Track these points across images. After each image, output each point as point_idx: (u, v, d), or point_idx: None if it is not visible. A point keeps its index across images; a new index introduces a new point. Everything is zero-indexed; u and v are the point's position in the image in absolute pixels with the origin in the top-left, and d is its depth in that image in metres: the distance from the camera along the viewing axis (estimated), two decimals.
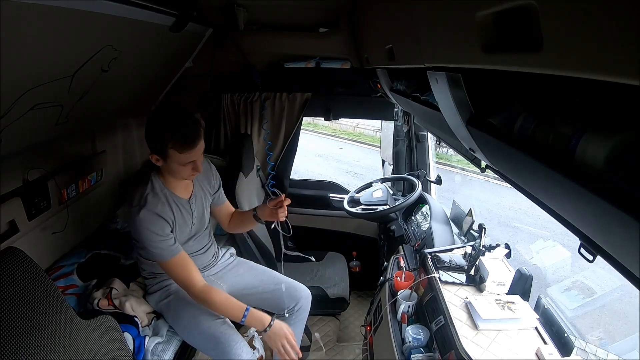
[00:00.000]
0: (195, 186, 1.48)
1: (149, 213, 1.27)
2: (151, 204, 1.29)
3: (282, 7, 1.99)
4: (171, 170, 1.31)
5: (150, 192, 1.32)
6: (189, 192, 1.45)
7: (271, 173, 2.35)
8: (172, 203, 1.37)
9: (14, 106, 0.96)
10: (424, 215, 1.93)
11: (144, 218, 1.26)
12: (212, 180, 1.56)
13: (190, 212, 1.43)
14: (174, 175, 1.34)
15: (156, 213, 1.28)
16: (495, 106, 0.68)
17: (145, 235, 1.27)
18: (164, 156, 1.25)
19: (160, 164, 1.29)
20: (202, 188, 1.51)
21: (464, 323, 1.16)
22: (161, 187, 1.36)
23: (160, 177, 1.37)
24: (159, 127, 1.24)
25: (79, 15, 0.91)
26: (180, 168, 1.28)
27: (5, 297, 0.91)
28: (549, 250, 2.27)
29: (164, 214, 1.30)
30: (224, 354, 1.34)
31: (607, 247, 0.47)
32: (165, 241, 1.29)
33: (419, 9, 0.76)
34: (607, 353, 1.09)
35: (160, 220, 1.29)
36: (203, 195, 1.51)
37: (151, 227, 1.26)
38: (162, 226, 1.29)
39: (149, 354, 1.37)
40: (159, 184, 1.36)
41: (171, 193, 1.38)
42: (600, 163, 0.41)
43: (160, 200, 1.33)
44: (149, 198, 1.30)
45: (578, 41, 0.34)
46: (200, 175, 1.48)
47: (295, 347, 1.37)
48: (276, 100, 2.24)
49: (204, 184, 1.52)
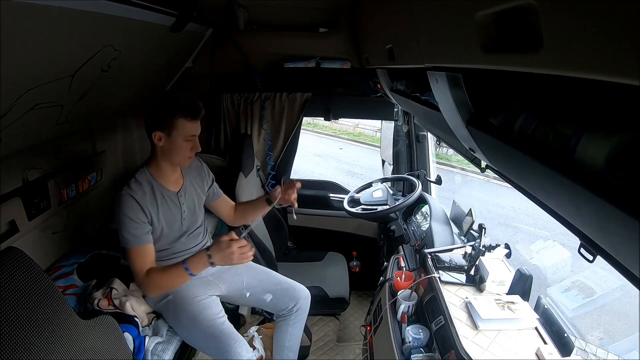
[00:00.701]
0: (186, 181, 1.49)
1: (128, 197, 1.31)
2: (133, 190, 1.33)
3: (282, 7, 1.99)
4: (173, 148, 1.33)
5: (135, 181, 1.36)
6: (178, 186, 1.47)
7: (271, 173, 2.35)
8: (158, 194, 1.39)
9: (14, 106, 0.96)
10: (424, 215, 1.93)
11: (123, 201, 1.30)
12: (204, 176, 1.59)
13: (178, 205, 1.44)
14: (174, 156, 1.36)
15: (135, 199, 1.31)
16: (495, 106, 0.68)
17: (120, 217, 1.31)
18: (169, 129, 1.29)
19: (162, 143, 1.32)
20: (192, 184, 1.52)
21: (464, 323, 1.16)
22: (149, 178, 1.39)
23: (150, 169, 1.40)
24: (168, 100, 1.32)
25: (79, 15, 0.91)
26: (183, 145, 1.32)
27: (5, 297, 0.91)
28: (549, 250, 2.27)
29: (142, 202, 1.33)
30: (224, 354, 1.34)
31: (607, 247, 0.47)
32: (136, 228, 1.31)
33: (419, 9, 0.76)
34: (607, 353, 1.09)
35: (135, 206, 1.31)
36: (194, 191, 1.52)
37: (126, 210, 1.30)
38: (136, 212, 1.31)
39: (149, 354, 1.37)
40: (146, 175, 1.39)
41: (159, 185, 1.40)
42: (600, 163, 0.41)
43: (143, 189, 1.36)
44: (132, 185, 1.34)
45: (578, 41, 0.34)
46: (192, 172, 1.53)
47: (248, 248, 1.34)
48: (276, 100, 2.24)
49: (195, 180, 1.54)
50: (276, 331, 1.68)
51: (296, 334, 1.65)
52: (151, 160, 1.40)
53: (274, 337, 1.69)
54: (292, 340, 1.65)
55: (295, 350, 1.67)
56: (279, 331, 1.66)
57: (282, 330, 1.64)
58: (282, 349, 1.65)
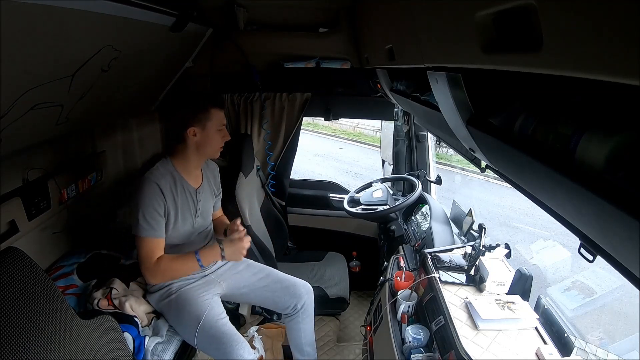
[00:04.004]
0: (204, 180, 1.53)
1: (151, 183, 1.33)
2: (156, 177, 1.35)
3: (282, 7, 1.99)
4: (207, 139, 1.40)
5: (158, 169, 1.39)
6: (198, 183, 1.50)
7: (271, 173, 2.35)
8: (179, 186, 1.42)
9: (14, 106, 0.96)
10: (424, 215, 1.93)
11: (145, 186, 1.33)
12: (217, 182, 1.63)
13: (195, 202, 1.47)
14: (207, 147, 1.42)
15: (158, 185, 1.34)
16: (495, 106, 0.68)
17: (139, 202, 1.32)
18: (204, 121, 1.37)
19: (197, 137, 1.38)
20: (209, 183, 1.56)
21: (464, 323, 1.16)
22: (171, 169, 1.42)
23: (174, 161, 1.43)
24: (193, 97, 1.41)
25: (79, 15, 0.91)
26: (217, 134, 1.41)
27: (5, 297, 0.91)
28: (549, 250, 2.27)
29: (164, 189, 1.35)
30: (225, 354, 1.34)
31: (607, 247, 0.47)
32: (153, 218, 1.33)
33: (419, 9, 0.76)
34: (607, 353, 1.09)
35: (157, 193, 1.33)
36: (210, 191, 1.56)
37: (148, 196, 1.32)
38: (157, 199, 1.33)
39: (149, 354, 1.37)
40: (169, 166, 1.42)
41: (180, 177, 1.43)
42: (600, 163, 0.41)
43: (165, 177, 1.38)
44: (155, 172, 1.37)
45: (577, 41, 0.34)
46: (209, 173, 1.57)
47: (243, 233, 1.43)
48: (276, 100, 2.24)
49: (210, 181, 1.57)
50: (288, 332, 1.69)
51: (309, 329, 1.67)
52: (178, 154, 1.43)
53: (288, 338, 1.70)
54: (306, 337, 1.66)
55: (312, 344, 1.69)
56: (290, 331, 1.67)
57: (294, 329, 1.65)
58: (299, 346, 1.67)
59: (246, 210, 1.88)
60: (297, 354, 1.68)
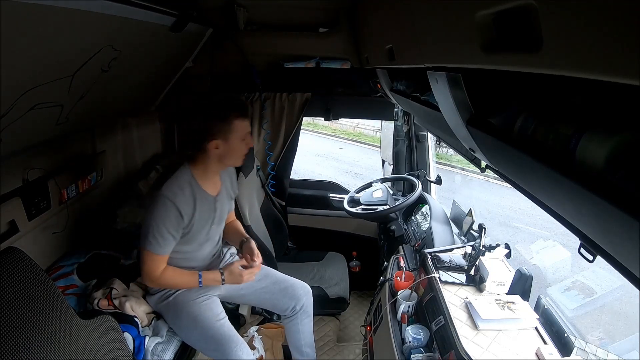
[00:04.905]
0: (223, 187, 1.48)
1: (167, 202, 1.27)
2: (174, 193, 1.28)
3: (282, 7, 1.99)
4: (230, 151, 1.32)
5: (176, 180, 1.31)
6: (217, 189, 1.45)
7: (271, 173, 2.35)
8: (198, 196, 1.35)
9: (14, 106, 0.96)
10: (424, 215, 1.93)
11: (160, 206, 1.27)
12: (234, 184, 1.59)
13: (213, 210, 1.42)
14: (230, 158, 1.35)
15: (174, 204, 1.27)
16: (495, 106, 0.68)
17: (152, 221, 1.27)
18: (226, 133, 1.28)
19: (219, 150, 1.31)
20: (226, 189, 1.51)
21: (464, 323, 1.16)
22: (189, 179, 1.34)
23: (194, 170, 1.36)
24: (214, 106, 1.30)
25: (79, 15, 0.91)
26: (241, 144, 1.33)
27: (5, 297, 0.91)
28: (549, 250, 2.27)
29: (181, 205, 1.28)
30: (224, 355, 1.34)
31: (607, 247, 0.47)
32: (165, 239, 1.29)
33: (419, 9, 0.76)
34: (607, 353, 1.09)
35: (173, 214, 1.28)
36: (227, 196, 1.51)
37: (162, 218, 1.27)
38: (171, 221, 1.28)
39: (149, 354, 1.37)
40: (188, 175, 1.34)
41: (198, 187, 1.36)
42: (600, 163, 0.41)
43: (183, 190, 1.31)
44: (173, 187, 1.29)
45: (577, 41, 0.34)
46: (226, 175, 1.51)
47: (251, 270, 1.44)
48: (276, 100, 2.23)
49: (228, 185, 1.52)
50: (287, 333, 1.68)
51: (308, 331, 1.66)
52: (198, 163, 1.36)
53: (287, 339, 1.69)
54: (306, 338, 1.66)
55: (311, 345, 1.68)
56: (289, 332, 1.66)
57: (293, 331, 1.64)
58: (298, 347, 1.66)
59: (246, 210, 1.88)
60: (297, 354, 1.68)
